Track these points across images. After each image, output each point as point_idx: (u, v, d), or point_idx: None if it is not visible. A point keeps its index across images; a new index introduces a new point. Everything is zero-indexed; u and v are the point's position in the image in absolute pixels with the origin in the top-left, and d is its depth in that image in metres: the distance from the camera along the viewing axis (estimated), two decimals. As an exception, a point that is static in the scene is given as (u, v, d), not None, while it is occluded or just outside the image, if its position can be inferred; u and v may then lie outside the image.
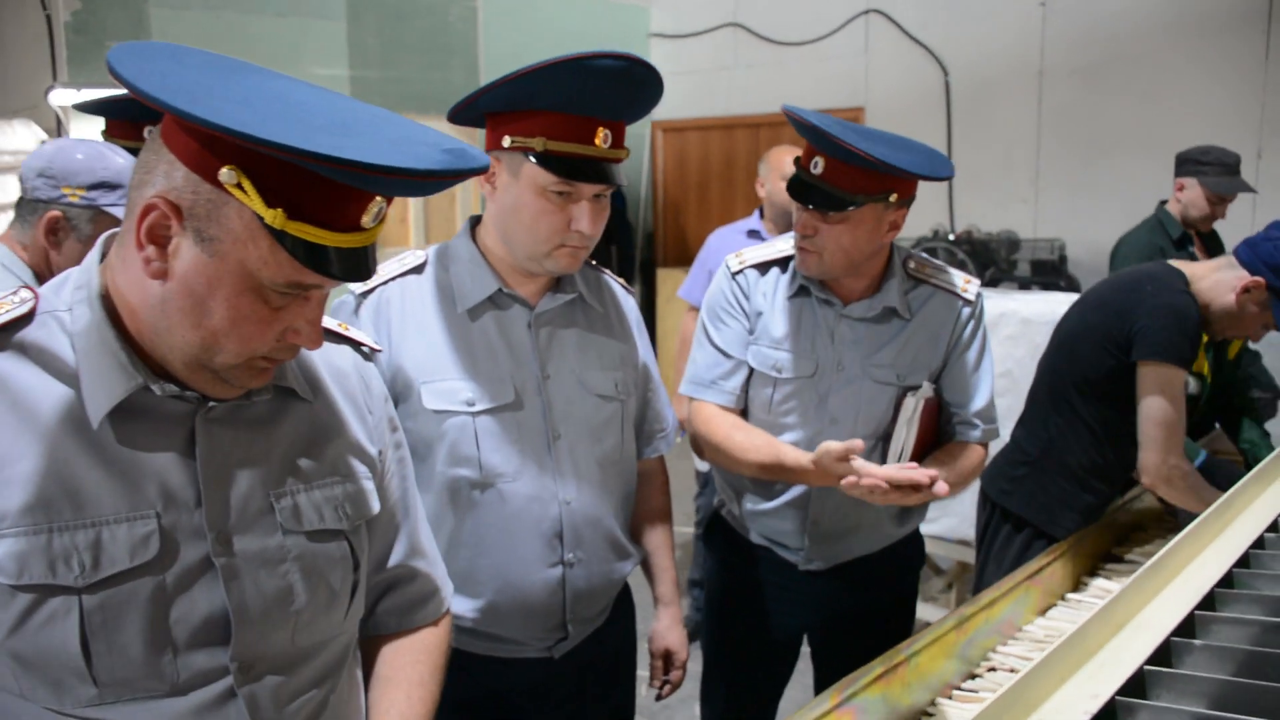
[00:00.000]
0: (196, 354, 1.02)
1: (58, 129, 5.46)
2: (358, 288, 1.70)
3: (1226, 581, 1.56)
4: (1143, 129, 5.67)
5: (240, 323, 1.00)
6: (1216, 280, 2.32)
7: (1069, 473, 2.41)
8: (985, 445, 2.14)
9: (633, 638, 2.01)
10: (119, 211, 1.83)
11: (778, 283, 2.08)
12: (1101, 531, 2.46)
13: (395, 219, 7.42)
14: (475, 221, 1.77)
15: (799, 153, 2.02)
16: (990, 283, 5.59)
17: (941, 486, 1.76)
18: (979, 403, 2.10)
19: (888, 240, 2.00)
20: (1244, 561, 1.64)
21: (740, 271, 2.11)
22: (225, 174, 0.93)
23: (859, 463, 1.77)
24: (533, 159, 1.59)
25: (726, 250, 3.77)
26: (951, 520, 3.70)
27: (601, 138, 1.59)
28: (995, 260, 5.72)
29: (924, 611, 3.77)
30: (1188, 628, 1.40)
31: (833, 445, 1.76)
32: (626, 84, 1.58)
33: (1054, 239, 5.79)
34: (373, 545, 1.32)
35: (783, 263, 2.10)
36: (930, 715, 1.70)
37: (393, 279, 1.72)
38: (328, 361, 1.25)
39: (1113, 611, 1.40)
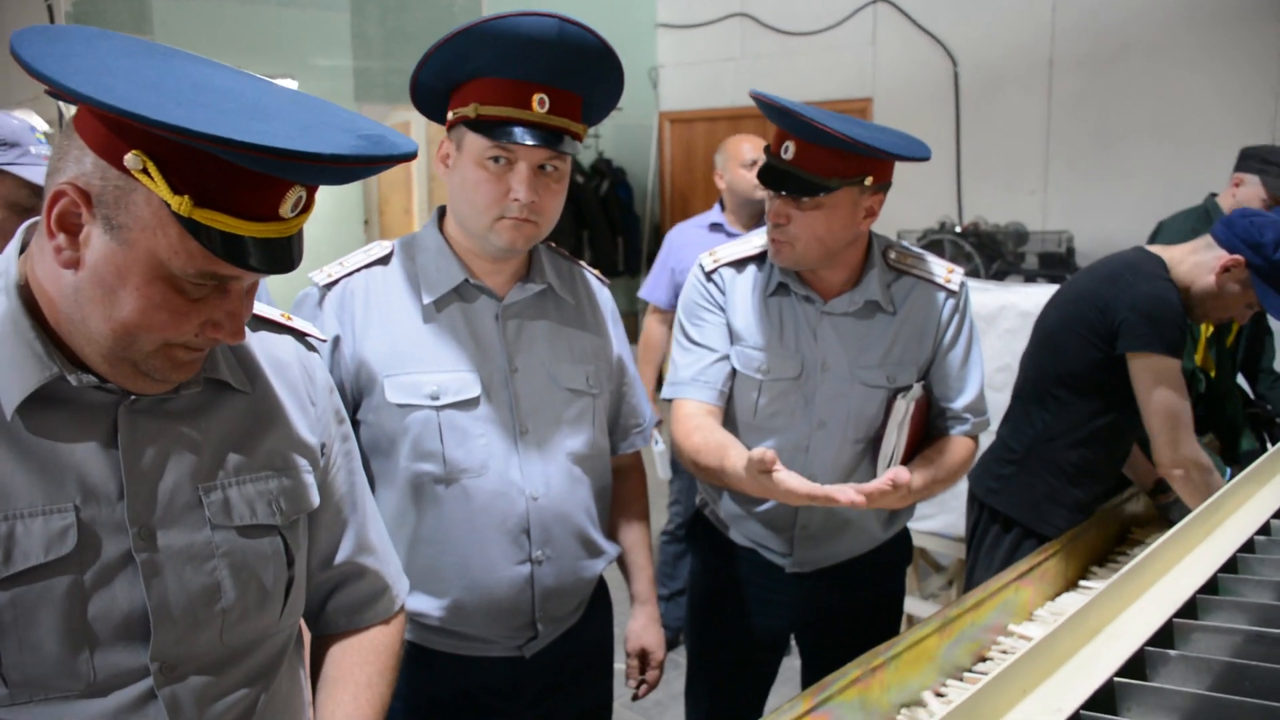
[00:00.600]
0: (111, 345, 1.00)
1: (59, 120, 5.45)
2: (322, 279, 1.67)
3: (1210, 587, 1.50)
4: (1153, 120, 5.59)
5: (152, 313, 0.97)
6: (1195, 262, 2.27)
7: (1057, 470, 2.36)
8: (975, 438, 2.09)
9: (609, 636, 1.97)
10: (21, 171, 1.79)
11: (755, 280, 2.03)
12: (1095, 529, 2.40)
13: (400, 210, 7.39)
14: (444, 211, 1.74)
15: (757, 141, 1.99)
16: (997, 275, 5.53)
17: (914, 480, 1.80)
18: (968, 397, 2.05)
19: (864, 228, 1.95)
20: (1231, 566, 1.58)
21: (715, 270, 2.05)
22: (130, 159, 0.91)
23: (782, 474, 1.68)
24: (468, 126, 1.57)
25: (688, 246, 3.76)
26: (949, 517, 3.65)
27: (537, 101, 1.55)
28: (1002, 253, 5.65)
29: (922, 609, 3.72)
30: (1165, 637, 1.34)
31: (753, 454, 1.67)
32: (560, 47, 1.53)
33: (1062, 231, 5.71)
34: (318, 541, 1.29)
35: (759, 259, 2.04)
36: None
37: (358, 270, 1.69)
38: (268, 352, 1.22)
39: (1086, 618, 1.34)
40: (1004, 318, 3.58)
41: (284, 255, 0.99)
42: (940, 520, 3.68)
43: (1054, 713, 1.15)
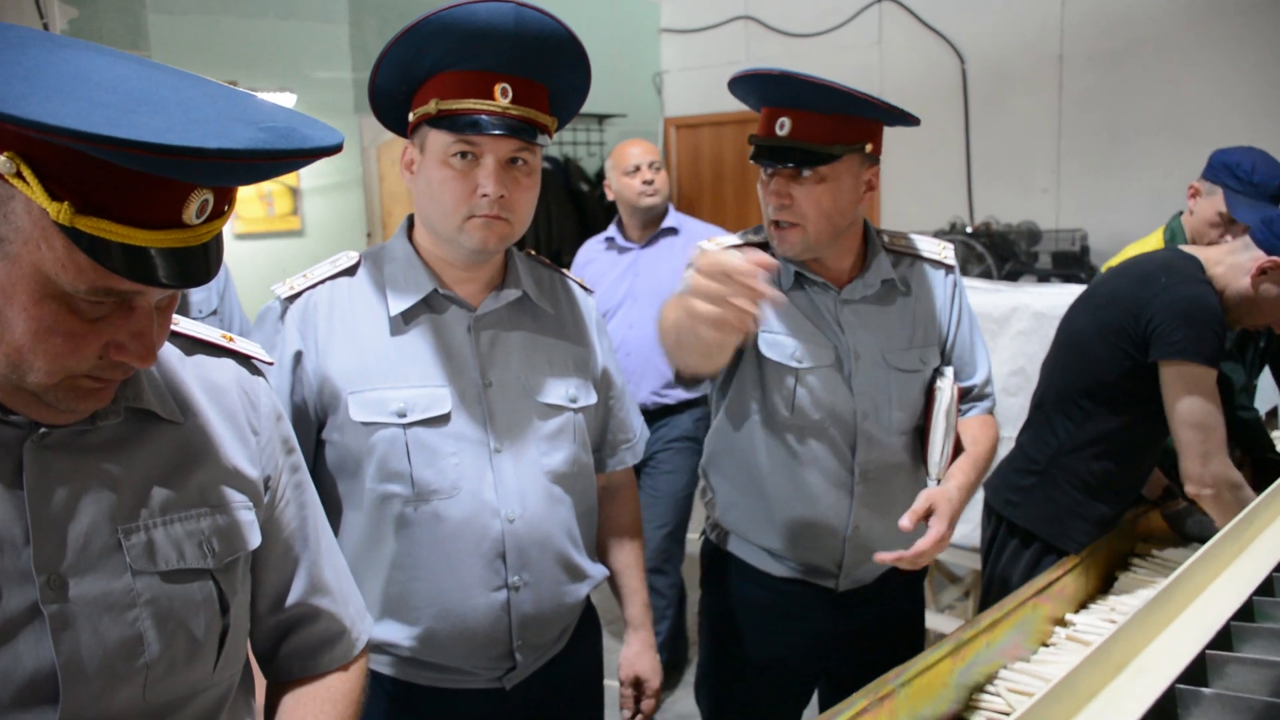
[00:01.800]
0: (6, 374, 0.89)
1: None
2: (284, 291, 1.59)
3: (1245, 613, 1.38)
4: (1166, 115, 5.48)
5: (45, 336, 0.87)
6: (1232, 264, 2.13)
7: (1080, 482, 2.23)
8: (993, 413, 2.07)
9: (598, 663, 1.87)
10: None
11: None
12: (1116, 542, 2.28)
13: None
14: (414, 220, 1.66)
15: (647, 146, 1.90)
16: (1010, 276, 5.42)
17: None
18: (984, 372, 2.03)
19: (865, 203, 1.88)
20: (1266, 588, 1.47)
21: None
22: (3, 163, 0.80)
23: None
24: (430, 125, 1.50)
25: (594, 265, 3.67)
26: (965, 527, 3.52)
27: (500, 91, 1.47)
28: (1015, 253, 5.54)
29: (938, 622, 3.60)
30: (1197, 672, 1.23)
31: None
32: (519, 34, 1.46)
33: (1076, 229, 5.60)
34: (267, 582, 1.19)
35: (765, 248, 1.93)
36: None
37: (321, 282, 1.60)
38: (203, 377, 1.12)
39: (1109, 653, 1.23)
40: (1017, 319, 3.47)
41: (192, 267, 0.87)
42: (957, 530, 3.55)
43: (1077, 764, 1.04)
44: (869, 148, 1.81)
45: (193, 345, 1.14)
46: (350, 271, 1.62)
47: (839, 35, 6.89)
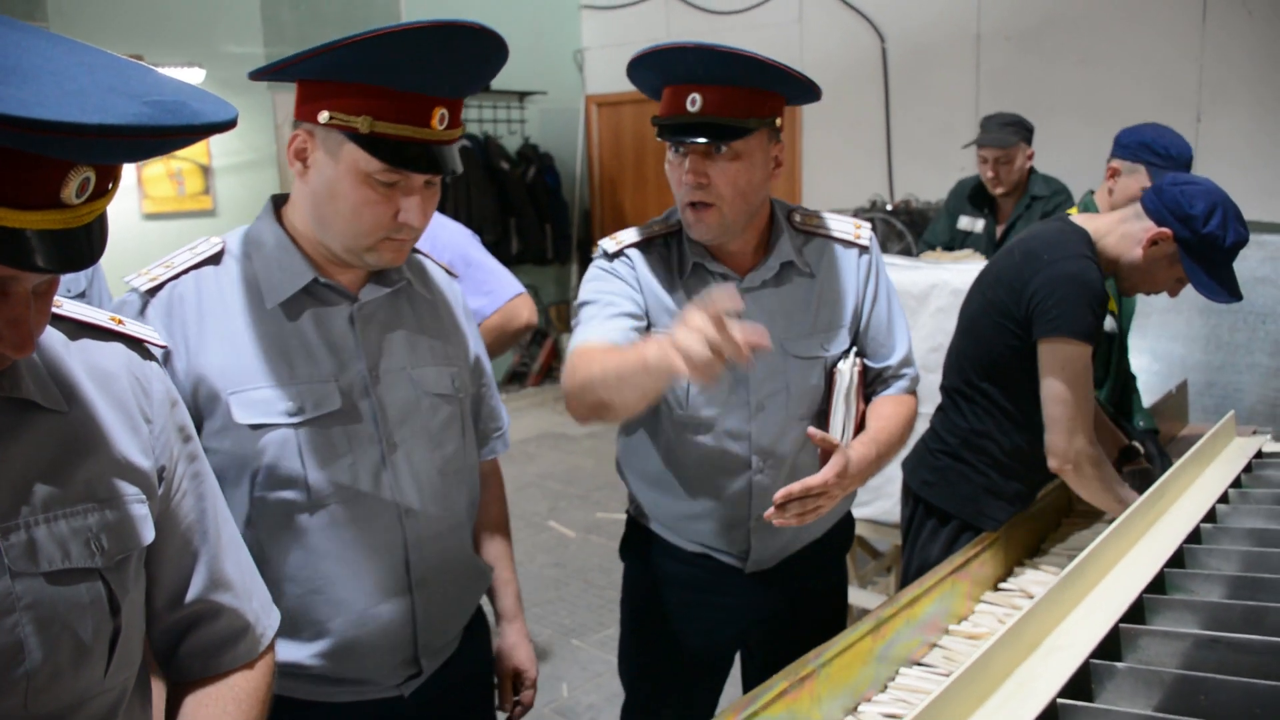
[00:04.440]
0: None
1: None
2: (143, 283, 1.45)
3: (1157, 585, 1.39)
4: (1082, 93, 5.56)
5: None
6: (1123, 234, 2.12)
7: (992, 461, 2.23)
8: (914, 393, 2.01)
9: (489, 660, 1.82)
10: None
11: (663, 263, 1.88)
12: (1033, 518, 2.30)
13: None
14: (280, 201, 1.53)
15: None
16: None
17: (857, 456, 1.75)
18: (901, 352, 1.97)
19: (775, 180, 1.84)
20: (1177, 560, 1.48)
21: (620, 251, 1.89)
22: None
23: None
24: (355, 141, 1.36)
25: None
26: (885, 503, 3.56)
27: (438, 119, 1.38)
28: (934, 230, 5.59)
29: (861, 598, 3.62)
30: (1111, 647, 1.22)
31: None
32: (473, 57, 1.38)
33: (994, 207, 5.66)
34: (164, 578, 1.12)
35: (664, 239, 1.90)
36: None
37: (184, 272, 1.47)
38: (90, 363, 1.04)
39: (1023, 631, 1.21)
40: (936, 296, 3.48)
41: (73, 250, 0.81)
42: (876, 507, 3.59)
43: (991, 747, 1.02)
44: (778, 121, 1.78)
45: (78, 329, 1.07)
46: (215, 260, 1.49)
47: (759, 13, 6.88)
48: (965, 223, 4.25)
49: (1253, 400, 4.39)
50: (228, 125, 0.82)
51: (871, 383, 1.98)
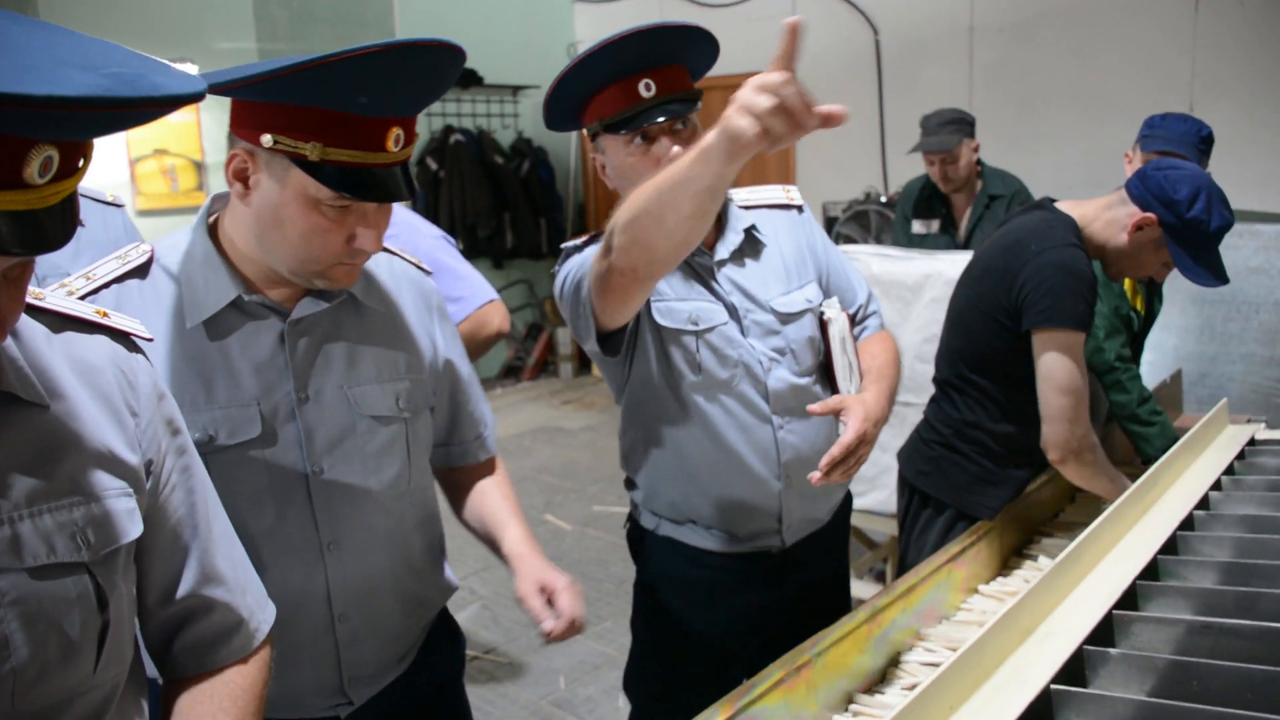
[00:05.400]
0: None
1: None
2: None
3: (1150, 572, 1.39)
4: (1074, 84, 5.57)
5: None
6: (1109, 220, 2.13)
7: (986, 451, 2.24)
8: (885, 328, 2.12)
9: (456, 668, 1.74)
10: None
11: None
12: (1028, 506, 2.31)
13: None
14: (214, 209, 1.44)
15: None
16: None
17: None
18: (864, 290, 2.07)
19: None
20: (1170, 546, 1.48)
21: (588, 242, 1.87)
22: None
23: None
24: (302, 167, 1.26)
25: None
26: (881, 494, 3.56)
27: (393, 140, 1.27)
28: (929, 222, 5.59)
29: (858, 589, 3.63)
30: (1104, 633, 1.23)
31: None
32: (433, 73, 1.29)
33: (987, 199, 5.66)
34: (154, 574, 1.11)
35: None
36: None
37: (109, 284, 1.38)
38: (74, 356, 1.03)
39: (1017, 618, 1.22)
40: (930, 286, 3.49)
41: (40, 232, 0.78)
42: (872, 498, 3.59)
43: (986, 732, 1.03)
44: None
45: (61, 322, 1.05)
46: (142, 271, 1.40)
47: (752, 6, 6.87)
48: (918, 226, 4.26)
49: (1246, 390, 4.40)
50: (193, 98, 0.79)
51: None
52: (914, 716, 1.04)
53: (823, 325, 1.94)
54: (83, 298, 1.36)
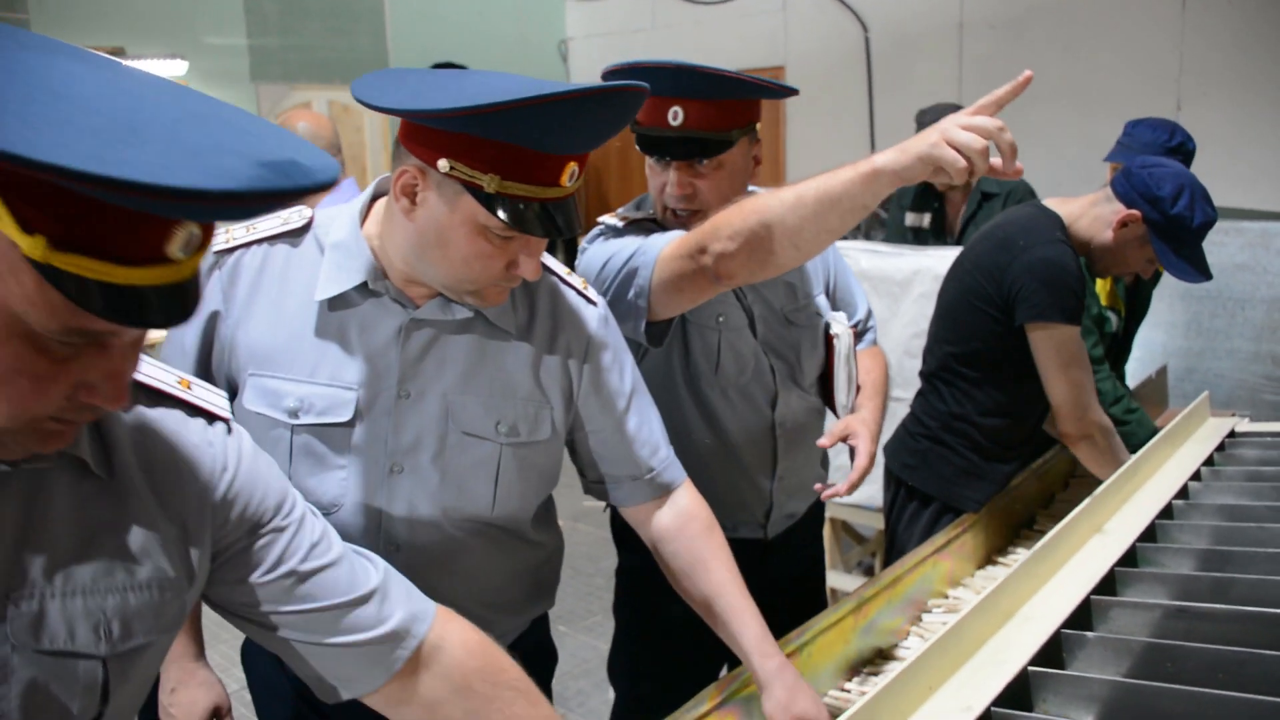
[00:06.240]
0: None
1: None
2: (220, 243, 1.37)
3: (1129, 559, 1.42)
4: (1063, 82, 5.59)
5: (9, 379, 0.77)
6: (1095, 217, 2.18)
7: (972, 445, 2.27)
8: (878, 343, 2.20)
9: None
10: None
11: None
12: (1013, 500, 2.33)
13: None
14: (379, 193, 1.43)
15: (315, 118, 1.80)
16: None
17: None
18: (864, 304, 2.12)
19: (754, 179, 1.88)
20: (1150, 535, 1.51)
21: (628, 226, 1.87)
22: None
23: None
24: (476, 196, 1.25)
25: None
26: (869, 489, 3.54)
27: (569, 175, 1.26)
28: (918, 219, 5.62)
29: (845, 582, 3.66)
30: (1082, 617, 1.25)
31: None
32: (618, 116, 1.28)
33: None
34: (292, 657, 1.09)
35: (654, 223, 1.92)
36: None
37: (259, 241, 1.39)
38: (143, 429, 0.99)
39: (996, 602, 1.24)
40: (919, 282, 3.51)
41: (176, 304, 0.78)
42: (860, 493, 3.58)
43: (963, 711, 1.05)
44: (758, 125, 1.81)
45: (137, 391, 1.00)
46: (296, 235, 1.40)
47: (744, 3, 6.87)
48: (911, 219, 4.24)
49: (1232, 385, 4.44)
50: (331, 184, 0.79)
51: None
52: (894, 696, 1.07)
53: (829, 339, 1.98)
54: (233, 249, 1.36)
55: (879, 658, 1.74)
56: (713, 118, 1.73)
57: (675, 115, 1.74)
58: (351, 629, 1.10)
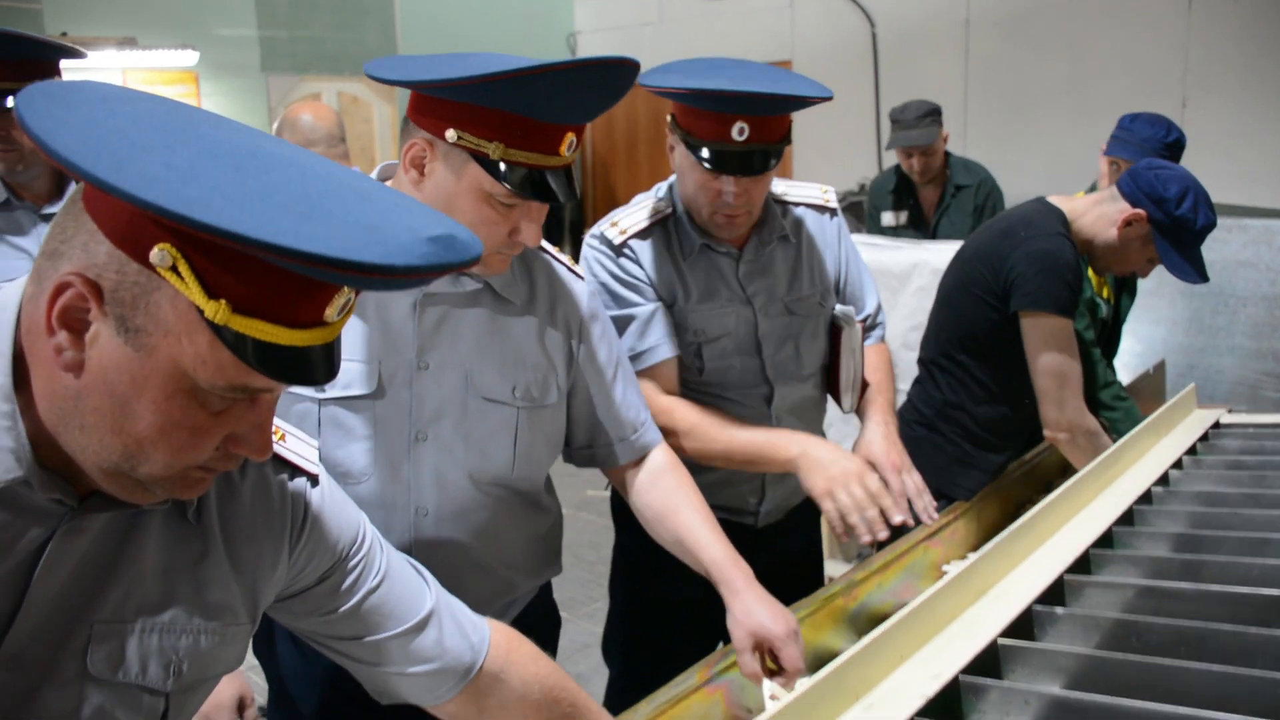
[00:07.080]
0: (117, 461, 0.84)
1: None
2: None
3: (1105, 541, 1.46)
4: (1068, 80, 5.60)
5: (171, 431, 0.82)
6: (1099, 214, 2.22)
7: (966, 433, 2.31)
8: (884, 339, 2.20)
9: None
10: None
11: (664, 245, 1.94)
12: (1005, 489, 2.37)
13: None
14: (383, 178, 1.50)
15: (320, 109, 1.83)
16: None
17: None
18: (875, 300, 2.12)
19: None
20: (1127, 519, 1.55)
21: (625, 244, 1.93)
22: (157, 255, 0.76)
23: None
24: (481, 164, 1.35)
25: None
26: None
27: (567, 145, 1.36)
28: (922, 214, 5.64)
29: (841, 571, 3.68)
30: (1055, 594, 1.29)
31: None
32: (613, 88, 1.37)
33: (980, 191, 5.70)
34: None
35: (661, 224, 1.96)
36: (776, 699, 1.57)
37: None
38: (227, 477, 1.03)
39: (971, 578, 1.29)
40: (917, 275, 3.55)
41: (324, 363, 0.85)
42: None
43: (932, 678, 1.09)
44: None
45: None
46: None
47: (752, -1, 6.90)
48: (889, 219, 4.28)
49: (1232, 382, 4.46)
50: (478, 258, 0.86)
51: None
52: (863, 663, 1.11)
53: (835, 331, 2.00)
54: None
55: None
56: (773, 130, 1.78)
57: (741, 131, 1.75)
58: (412, 659, 1.16)
